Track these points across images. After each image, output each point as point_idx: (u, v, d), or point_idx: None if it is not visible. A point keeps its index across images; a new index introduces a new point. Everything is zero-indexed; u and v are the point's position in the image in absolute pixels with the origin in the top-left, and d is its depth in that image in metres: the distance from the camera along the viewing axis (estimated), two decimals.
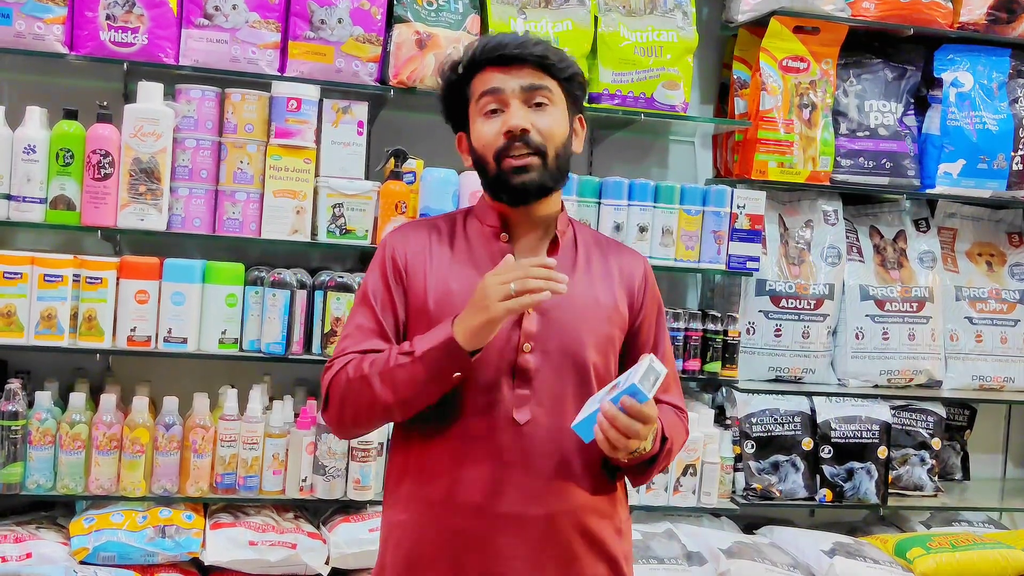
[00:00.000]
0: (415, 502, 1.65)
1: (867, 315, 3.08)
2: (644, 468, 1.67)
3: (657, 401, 1.75)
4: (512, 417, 1.61)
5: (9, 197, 2.47)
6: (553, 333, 1.64)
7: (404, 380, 1.56)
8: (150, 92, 2.50)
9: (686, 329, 2.86)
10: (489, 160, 1.64)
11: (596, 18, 2.83)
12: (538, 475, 1.62)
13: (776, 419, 2.94)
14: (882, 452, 2.98)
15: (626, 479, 1.75)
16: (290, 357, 2.60)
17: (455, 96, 1.70)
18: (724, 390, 3.03)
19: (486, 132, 1.64)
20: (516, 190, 1.63)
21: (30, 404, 2.49)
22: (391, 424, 1.74)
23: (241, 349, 2.60)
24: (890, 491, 3.02)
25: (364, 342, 1.65)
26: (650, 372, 1.50)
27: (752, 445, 2.92)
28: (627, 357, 1.74)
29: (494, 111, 1.64)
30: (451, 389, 1.58)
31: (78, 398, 2.50)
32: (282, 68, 2.62)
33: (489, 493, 1.61)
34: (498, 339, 1.59)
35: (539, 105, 1.63)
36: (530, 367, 1.63)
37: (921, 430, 3.09)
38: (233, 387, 2.64)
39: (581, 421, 1.54)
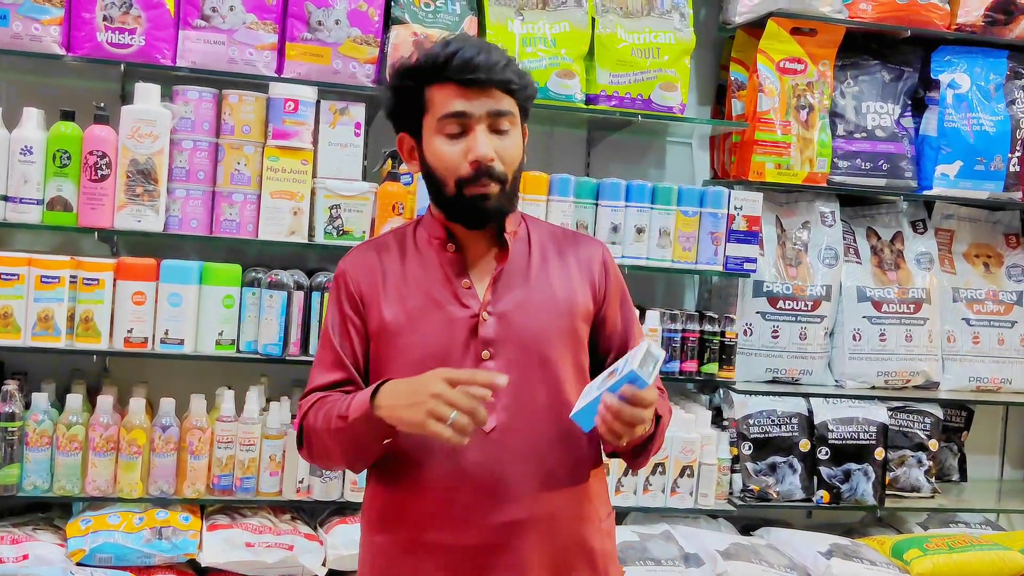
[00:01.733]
0: (389, 521, 1.65)
1: (864, 316, 3.08)
2: (641, 450, 1.67)
3: None
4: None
5: (6, 198, 2.47)
6: (512, 336, 1.62)
7: (343, 441, 1.58)
8: (147, 93, 2.50)
9: (683, 330, 2.86)
10: (448, 183, 1.61)
11: (593, 19, 2.83)
12: (511, 482, 1.59)
13: (773, 420, 2.94)
14: (879, 453, 2.98)
15: (610, 469, 1.74)
16: (287, 358, 2.60)
17: (406, 101, 1.64)
18: (721, 391, 3.03)
19: (448, 155, 1.60)
20: (477, 216, 1.62)
21: (27, 405, 2.49)
22: None
23: (238, 350, 2.60)
24: (887, 492, 3.02)
25: (326, 375, 1.67)
26: (648, 357, 1.48)
27: (749, 446, 2.92)
28: (598, 346, 1.73)
29: (456, 134, 1.60)
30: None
31: (75, 399, 2.50)
32: (279, 69, 2.62)
33: (463, 507, 1.58)
34: (455, 348, 1.60)
35: (500, 130, 1.61)
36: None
37: (918, 431, 3.09)
38: (230, 388, 2.64)
39: (580, 411, 1.51)
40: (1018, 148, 3.11)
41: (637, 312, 1.82)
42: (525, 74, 1.65)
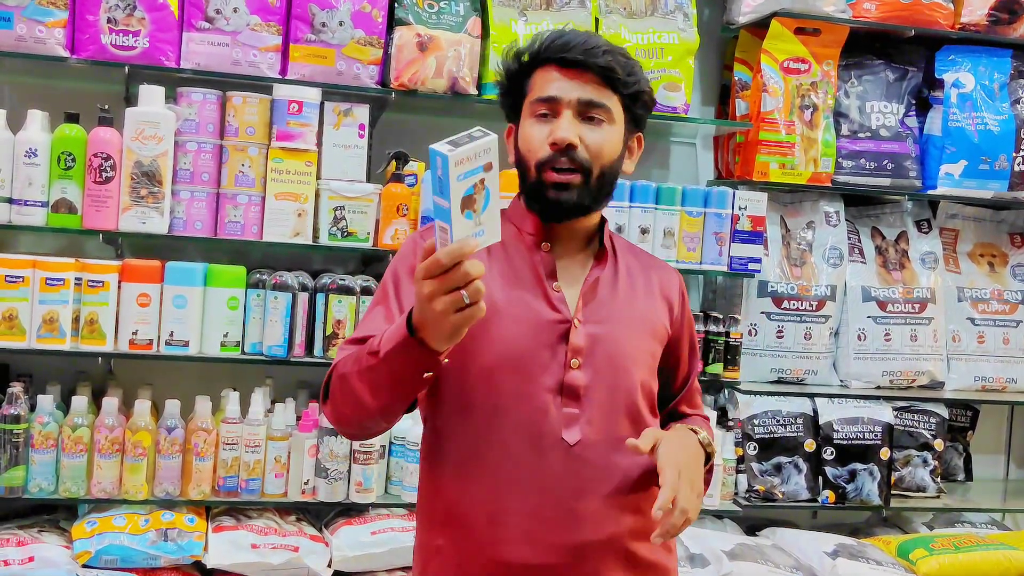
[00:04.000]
0: (453, 527, 1.54)
1: (869, 316, 3.08)
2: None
3: (686, 414, 1.74)
4: (561, 438, 1.51)
5: (11, 200, 2.47)
6: (602, 347, 1.55)
7: (377, 380, 1.40)
8: (151, 95, 2.50)
9: None
10: (530, 167, 1.55)
11: (597, 20, 2.83)
12: (590, 500, 1.51)
13: (778, 421, 2.94)
14: (884, 453, 2.97)
15: None
16: (292, 360, 2.60)
17: (514, 86, 1.60)
18: (726, 392, 3.02)
19: (533, 136, 1.55)
20: (551, 205, 1.54)
21: (32, 407, 2.49)
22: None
23: (243, 352, 2.60)
24: (892, 492, 3.01)
25: (369, 333, 1.49)
26: (460, 138, 1.25)
27: (754, 447, 2.92)
28: (663, 372, 1.67)
29: (544, 115, 1.54)
30: (482, 396, 1.48)
31: (80, 401, 2.50)
32: (283, 71, 2.62)
33: (538, 520, 1.50)
34: (542, 350, 1.52)
35: (593, 120, 1.54)
36: (579, 384, 1.53)
37: (923, 431, 3.08)
38: (235, 390, 2.64)
39: (487, 234, 1.29)
40: (1023, 147, 3.10)
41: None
42: (636, 72, 1.57)
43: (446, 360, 1.36)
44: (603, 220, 1.66)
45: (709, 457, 1.60)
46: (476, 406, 1.53)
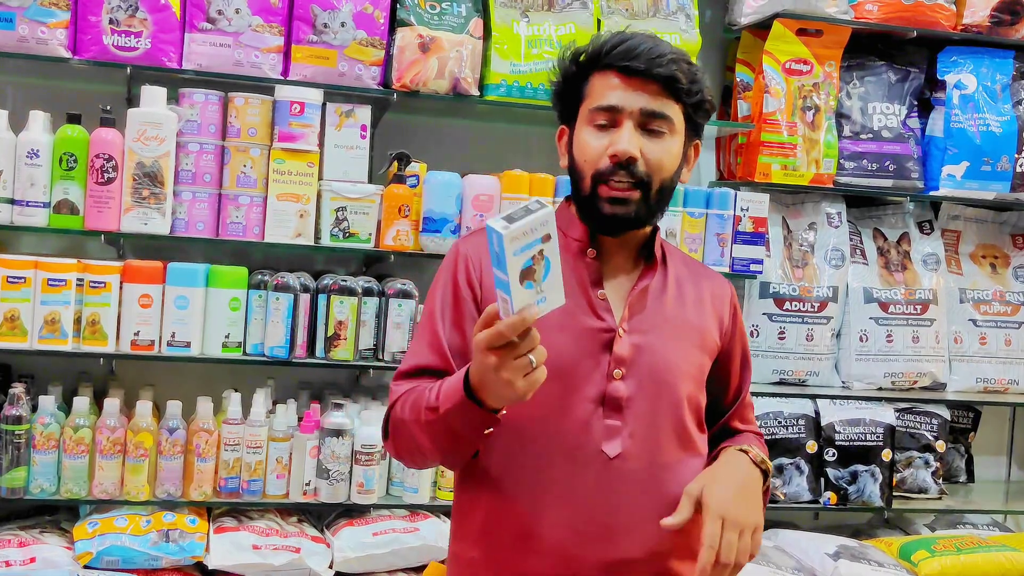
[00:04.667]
0: (489, 539, 1.51)
1: (871, 317, 3.08)
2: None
3: (738, 430, 1.69)
4: (601, 450, 1.47)
5: (13, 201, 2.47)
6: (646, 358, 1.50)
7: (436, 435, 1.42)
8: (153, 96, 2.50)
9: None
10: (586, 176, 1.49)
11: (599, 21, 2.83)
12: (628, 515, 1.47)
13: (780, 422, 2.94)
14: (886, 455, 2.97)
15: None
16: (294, 361, 2.60)
17: (570, 88, 1.55)
18: None
19: (590, 146, 1.48)
20: (606, 220, 1.49)
21: (34, 408, 2.49)
22: None
23: (245, 353, 2.60)
24: (894, 494, 3.01)
25: (420, 358, 1.53)
26: (516, 212, 1.26)
27: None
28: (713, 385, 1.63)
29: (604, 125, 1.49)
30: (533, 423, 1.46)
31: (82, 402, 2.50)
32: (285, 72, 2.62)
33: (573, 534, 1.46)
34: (585, 360, 1.48)
35: (654, 132, 1.48)
36: (621, 395, 1.49)
37: (925, 432, 3.08)
38: (236, 391, 2.64)
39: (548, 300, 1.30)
40: None
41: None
42: (699, 80, 1.51)
43: (504, 413, 1.37)
44: (655, 228, 1.60)
45: (766, 475, 1.54)
46: (514, 416, 1.47)
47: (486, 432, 1.39)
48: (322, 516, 2.74)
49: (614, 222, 1.50)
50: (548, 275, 1.26)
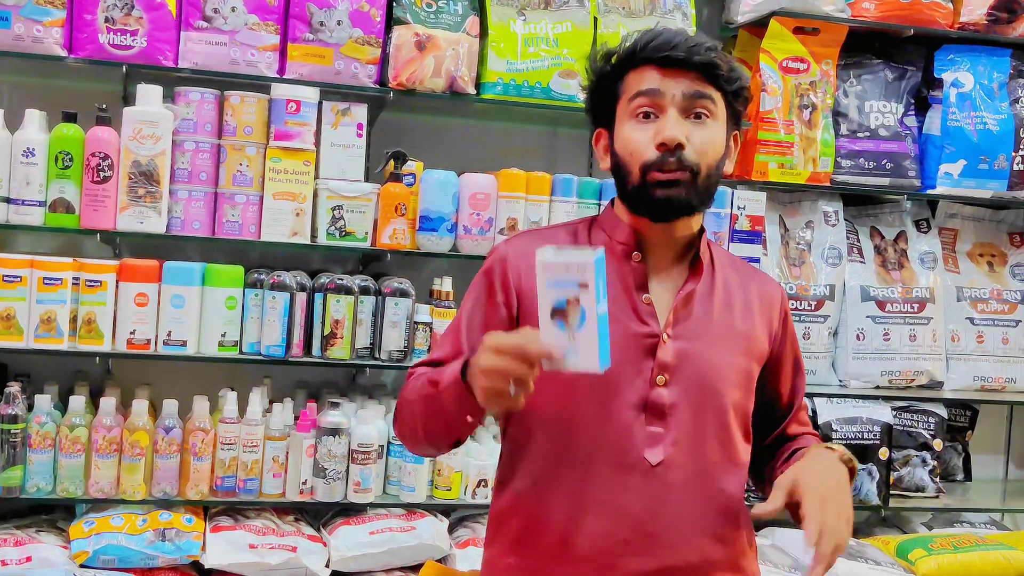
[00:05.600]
0: (526, 546, 1.48)
1: (868, 316, 3.08)
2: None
3: (797, 434, 1.66)
4: (643, 457, 1.44)
5: (8, 200, 2.46)
6: (690, 364, 1.47)
7: (429, 409, 1.44)
8: (149, 95, 2.49)
9: None
10: (634, 170, 1.46)
11: (596, 19, 2.82)
12: (669, 524, 1.44)
13: None
14: (883, 453, 2.97)
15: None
16: (290, 360, 2.60)
17: (603, 89, 1.52)
18: None
19: (636, 138, 1.46)
20: (659, 204, 1.45)
21: (30, 407, 2.48)
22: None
23: (241, 352, 2.60)
24: (891, 492, 3.01)
25: (437, 357, 1.53)
26: (562, 252, 1.26)
27: None
28: (764, 391, 1.60)
29: (647, 116, 1.46)
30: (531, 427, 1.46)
31: (78, 401, 2.50)
32: (281, 70, 2.62)
33: (614, 544, 1.43)
34: (628, 366, 1.45)
35: (698, 116, 1.46)
36: (664, 402, 1.45)
37: (922, 431, 3.08)
38: (233, 390, 2.64)
39: (584, 359, 1.26)
40: (1022, 147, 3.10)
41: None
42: (737, 67, 1.50)
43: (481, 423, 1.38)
44: (702, 229, 1.58)
45: (853, 473, 1.51)
46: (555, 421, 1.46)
47: (469, 421, 1.38)
48: (319, 515, 2.74)
49: (667, 206, 1.46)
50: (583, 328, 1.23)
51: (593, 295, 1.22)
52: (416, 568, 2.57)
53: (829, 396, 3.02)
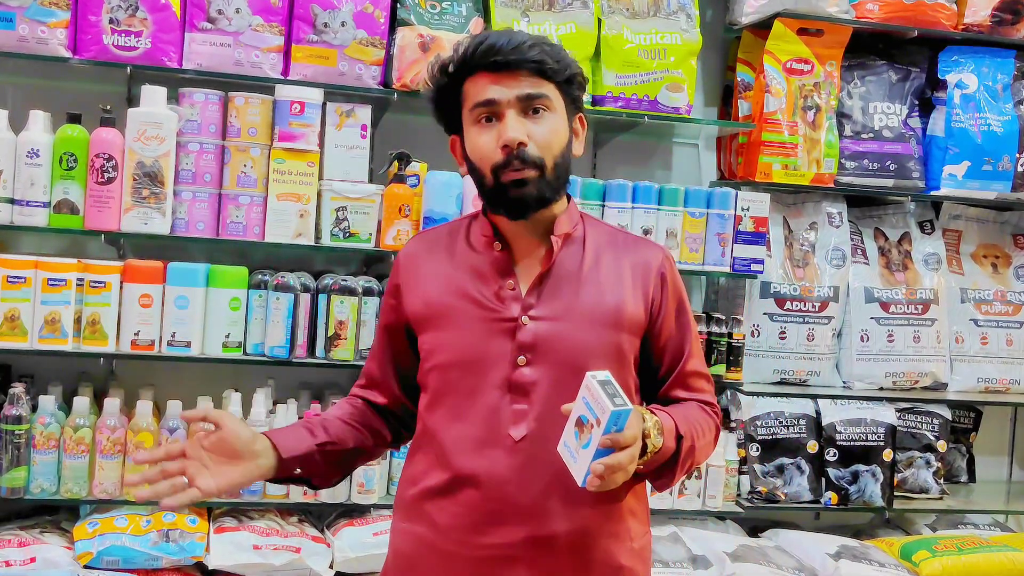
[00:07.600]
0: (413, 513, 1.62)
1: (872, 317, 3.07)
2: (664, 470, 1.54)
3: (679, 399, 1.66)
4: (507, 433, 1.54)
5: (13, 201, 2.47)
6: (553, 344, 1.55)
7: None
8: (153, 96, 2.50)
9: None
10: (486, 173, 1.56)
11: (599, 20, 2.82)
12: (537, 496, 1.52)
13: (781, 422, 2.93)
14: (887, 455, 2.97)
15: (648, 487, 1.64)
16: (294, 361, 2.60)
17: (447, 98, 1.61)
18: (729, 393, 3.02)
19: (482, 144, 1.55)
20: (513, 203, 1.55)
21: (34, 408, 2.49)
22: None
23: (245, 353, 2.60)
24: (895, 494, 3.01)
25: (366, 368, 1.78)
26: (607, 386, 1.35)
27: (757, 448, 2.91)
28: (651, 359, 1.65)
29: (489, 119, 1.55)
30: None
31: (82, 402, 2.50)
32: (285, 71, 2.62)
33: (484, 515, 1.53)
34: (491, 351, 1.55)
35: (536, 112, 1.55)
36: (526, 380, 1.55)
37: (926, 432, 3.08)
38: (237, 391, 2.64)
39: (575, 472, 1.39)
40: None
41: (696, 324, 1.72)
42: (564, 57, 1.58)
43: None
44: (568, 210, 1.64)
45: (681, 439, 1.52)
46: (439, 404, 1.60)
47: (296, 473, 1.62)
48: (322, 516, 2.74)
49: (521, 204, 1.55)
50: (586, 449, 1.37)
51: (600, 433, 1.34)
52: None
53: (833, 398, 3.02)
